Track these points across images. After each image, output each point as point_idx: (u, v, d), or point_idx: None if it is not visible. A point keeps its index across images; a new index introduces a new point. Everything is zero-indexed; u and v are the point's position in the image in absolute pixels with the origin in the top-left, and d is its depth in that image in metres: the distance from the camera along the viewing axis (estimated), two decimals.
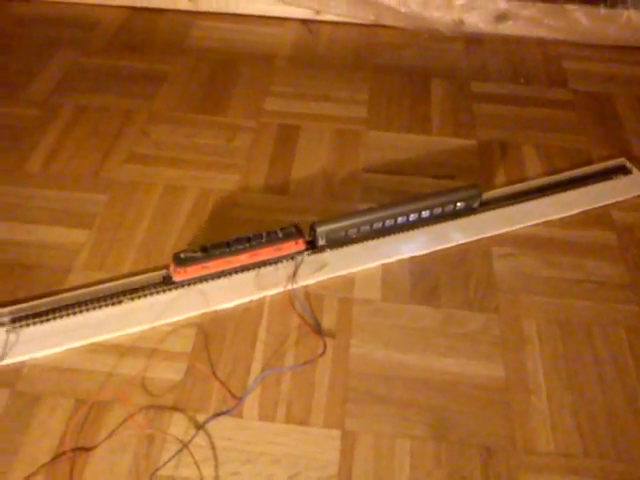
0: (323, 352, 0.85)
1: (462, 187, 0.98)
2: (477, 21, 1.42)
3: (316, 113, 1.23)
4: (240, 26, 1.45)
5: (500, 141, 1.17)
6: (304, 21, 1.48)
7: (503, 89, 1.29)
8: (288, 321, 0.89)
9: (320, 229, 0.92)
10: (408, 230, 0.98)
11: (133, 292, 0.90)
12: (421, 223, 0.98)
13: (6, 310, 0.88)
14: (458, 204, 0.97)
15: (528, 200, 1.03)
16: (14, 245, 0.97)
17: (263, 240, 0.90)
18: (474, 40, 1.42)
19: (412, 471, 0.75)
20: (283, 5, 1.46)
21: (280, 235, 0.91)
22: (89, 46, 1.38)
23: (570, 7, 1.37)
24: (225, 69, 1.33)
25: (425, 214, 0.97)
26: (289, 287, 0.91)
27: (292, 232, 0.92)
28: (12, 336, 0.85)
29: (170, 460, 0.74)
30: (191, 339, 0.86)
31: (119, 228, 1.00)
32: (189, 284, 0.90)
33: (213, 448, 0.76)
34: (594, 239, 0.99)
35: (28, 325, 0.86)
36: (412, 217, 0.97)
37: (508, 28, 1.42)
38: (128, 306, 0.89)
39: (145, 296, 0.89)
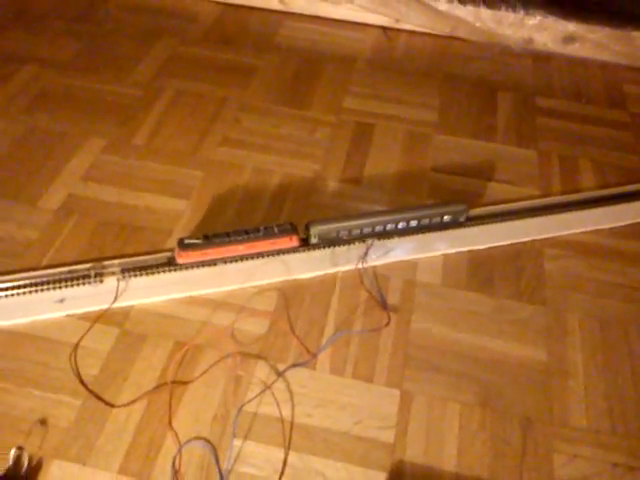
0: (388, 323, 0.97)
1: (450, 203, 1.08)
2: (546, 41, 1.52)
3: (390, 114, 1.35)
4: (325, 29, 1.58)
5: (559, 154, 1.27)
6: (384, 28, 1.60)
7: (565, 106, 1.39)
8: (357, 295, 1.01)
9: (314, 229, 1.02)
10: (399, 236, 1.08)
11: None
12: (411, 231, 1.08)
13: (117, 262, 1.02)
14: (445, 217, 1.07)
15: (581, 209, 1.13)
16: (124, 208, 1.11)
17: (260, 234, 1.00)
18: (542, 58, 1.52)
19: (460, 430, 0.86)
20: (365, 12, 1.58)
21: (276, 231, 1.01)
22: (187, 36, 1.53)
23: (636, 34, 1.46)
24: (310, 67, 1.46)
25: (413, 223, 1.06)
26: (360, 266, 1.04)
27: (287, 229, 1.02)
28: (122, 284, 0.99)
29: (254, 398, 0.87)
30: (273, 301, 0.99)
31: (213, 201, 1.14)
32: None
33: (290, 392, 0.89)
34: (638, 249, 1.09)
35: (135, 276, 1.00)
36: (401, 225, 1.06)
37: (575, 50, 1.52)
38: (220, 268, 1.02)
39: (235, 261, 1.03)
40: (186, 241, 0.98)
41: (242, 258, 1.02)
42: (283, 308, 0.98)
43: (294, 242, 1.02)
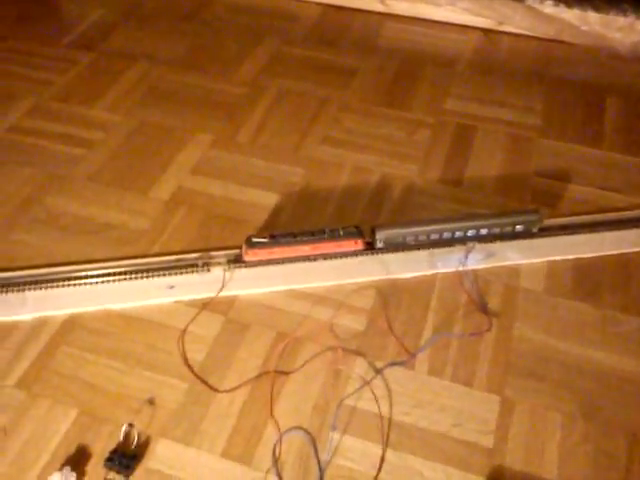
0: (489, 328, 0.96)
1: (523, 211, 1.05)
2: None
3: (492, 117, 1.33)
4: (426, 30, 1.58)
5: None
6: (485, 30, 1.58)
7: None
8: (457, 297, 1.01)
9: (380, 233, 1.02)
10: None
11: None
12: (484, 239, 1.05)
13: (222, 253, 1.05)
14: (517, 227, 1.04)
15: None
16: (229, 201, 1.15)
17: (325, 236, 1.01)
18: None
19: (562, 441, 0.84)
20: (467, 14, 1.56)
21: (341, 233, 1.01)
22: (290, 37, 1.56)
23: None
24: (410, 69, 1.46)
25: (483, 232, 1.04)
26: (460, 268, 1.03)
27: (353, 232, 1.02)
28: (227, 274, 1.02)
29: (353, 393, 0.88)
30: (371, 299, 1.00)
31: (314, 198, 1.16)
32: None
33: (388, 390, 0.89)
34: None
35: (240, 267, 1.03)
36: (470, 233, 1.04)
37: None
38: (319, 264, 1.04)
39: (337, 257, 1.04)
40: (254, 239, 1.00)
41: (307, 259, 1.03)
42: (381, 306, 0.99)
43: (359, 245, 1.02)
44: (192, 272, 1.02)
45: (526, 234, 1.06)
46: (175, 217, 1.12)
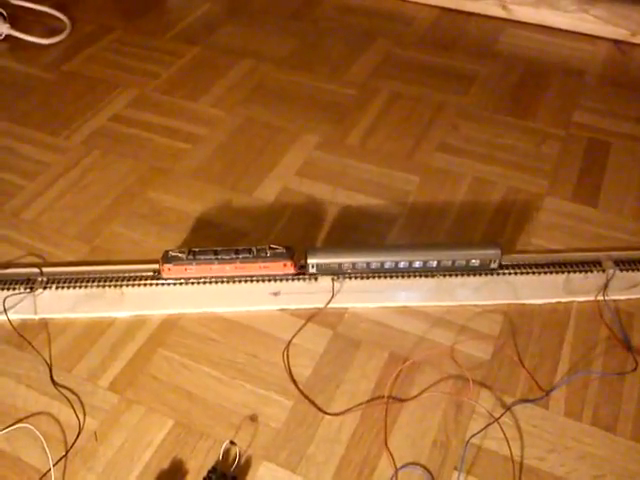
0: (635, 368, 0.84)
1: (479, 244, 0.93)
2: None
3: (628, 133, 1.21)
4: (550, 38, 1.46)
5: None
6: (616, 41, 1.45)
7: None
8: (596, 330, 0.89)
9: (311, 259, 0.90)
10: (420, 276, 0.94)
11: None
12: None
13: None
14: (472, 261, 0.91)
15: None
16: (337, 207, 1.07)
17: (251, 256, 0.90)
18: None
19: None
20: (597, 23, 1.44)
21: (268, 254, 0.90)
22: (403, 39, 1.47)
23: None
24: (534, 77, 1.35)
25: (432, 264, 0.92)
26: (600, 298, 0.91)
27: (282, 253, 0.90)
28: (337, 284, 0.94)
29: (480, 431, 0.77)
30: (498, 325, 0.89)
31: (430, 209, 1.06)
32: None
33: (519, 430, 0.78)
34: None
35: (350, 278, 0.94)
36: (417, 264, 0.92)
37: None
38: (437, 282, 0.94)
39: (456, 275, 0.94)
40: (170, 254, 0.90)
41: (230, 280, 0.93)
42: (509, 334, 0.88)
43: (289, 268, 0.92)
44: (299, 279, 0.94)
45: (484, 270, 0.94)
46: (280, 220, 1.04)
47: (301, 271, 0.93)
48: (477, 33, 1.49)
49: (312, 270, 0.92)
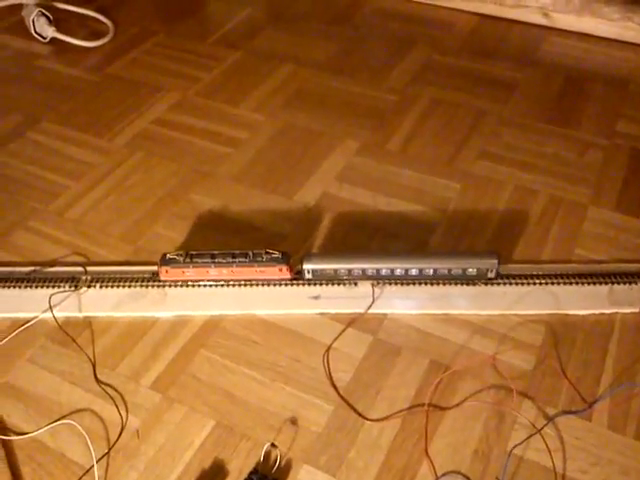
0: None
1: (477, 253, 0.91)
2: None
3: None
4: (593, 47, 1.45)
5: None
6: None
7: None
8: None
9: (307, 264, 0.90)
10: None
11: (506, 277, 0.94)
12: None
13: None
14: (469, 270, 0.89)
15: None
16: (377, 212, 1.07)
17: (247, 260, 0.89)
18: None
19: None
20: None
21: (264, 259, 0.89)
22: (443, 46, 1.47)
23: None
24: (576, 86, 1.34)
25: (428, 272, 0.90)
26: None
27: (277, 258, 0.90)
28: (377, 290, 0.94)
29: (522, 442, 0.77)
30: (540, 335, 0.88)
31: (471, 217, 1.06)
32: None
33: (562, 442, 0.77)
34: None
35: (390, 284, 0.94)
36: (413, 272, 0.91)
37: None
38: (479, 289, 0.93)
39: (497, 284, 0.93)
40: (168, 256, 0.91)
41: (227, 283, 0.94)
42: (551, 345, 0.87)
43: (284, 273, 0.91)
44: (338, 284, 0.94)
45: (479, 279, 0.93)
46: (320, 225, 1.05)
47: (297, 276, 0.93)
48: (518, 41, 1.48)
49: (308, 276, 0.92)
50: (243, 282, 0.94)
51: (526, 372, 0.84)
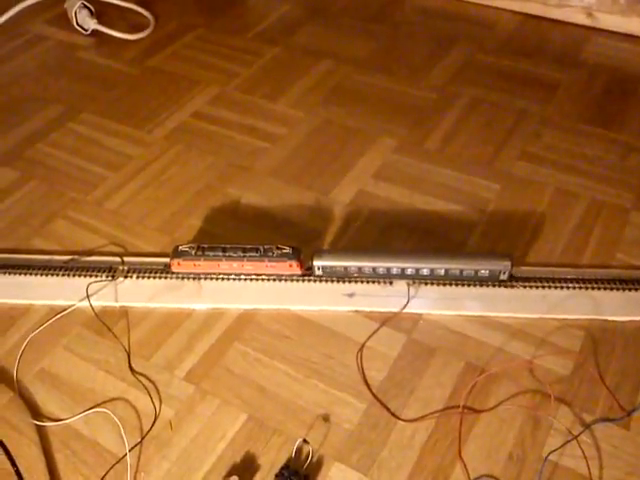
0: None
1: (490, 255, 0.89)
2: None
3: None
4: (638, 48, 1.41)
5: None
6: None
7: None
8: None
9: (317, 261, 0.89)
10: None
11: (524, 280, 0.93)
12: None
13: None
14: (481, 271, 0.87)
15: None
16: (413, 211, 1.06)
17: (257, 254, 0.89)
18: None
19: None
20: None
21: (274, 254, 0.89)
22: (484, 44, 1.45)
23: None
24: (620, 87, 1.31)
25: (439, 272, 0.88)
26: None
27: (288, 254, 0.89)
28: (412, 289, 0.93)
29: (558, 448, 0.75)
30: (579, 340, 0.87)
31: (510, 219, 1.04)
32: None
33: (598, 449, 0.76)
34: None
35: (426, 284, 0.93)
36: (425, 272, 0.89)
37: None
38: (519, 292, 0.92)
39: (537, 287, 0.92)
40: (180, 248, 0.91)
41: (238, 277, 0.94)
42: (590, 351, 0.86)
43: (295, 269, 0.91)
44: (373, 282, 0.93)
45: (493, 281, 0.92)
46: (355, 222, 1.04)
47: (307, 272, 0.92)
48: (561, 41, 1.46)
49: (318, 272, 0.91)
50: (273, 277, 0.94)
51: (563, 378, 0.83)
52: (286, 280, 0.94)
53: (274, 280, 0.94)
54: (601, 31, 1.47)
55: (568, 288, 0.92)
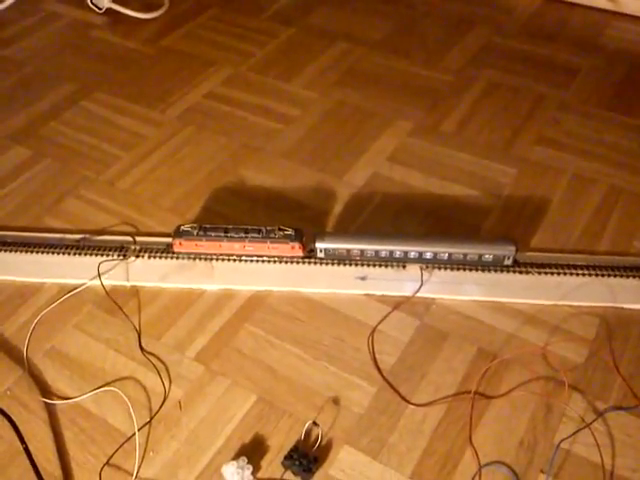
0: None
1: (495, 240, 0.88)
2: None
3: None
4: None
5: None
6: None
7: None
8: None
9: (320, 243, 0.88)
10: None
11: (540, 267, 0.91)
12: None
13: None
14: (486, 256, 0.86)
15: None
16: (429, 195, 1.05)
17: (260, 236, 0.88)
18: None
19: None
20: None
21: (277, 235, 0.88)
22: (503, 28, 1.43)
23: None
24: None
25: (442, 256, 0.87)
26: None
27: (290, 235, 0.88)
28: (425, 273, 0.92)
29: (571, 435, 0.74)
30: (594, 328, 0.85)
31: (526, 204, 1.03)
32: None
33: (611, 438, 0.75)
34: None
35: (440, 268, 0.92)
36: (428, 255, 0.88)
37: None
38: (531, 279, 0.90)
39: (552, 274, 0.90)
40: (182, 228, 0.90)
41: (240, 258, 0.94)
42: (605, 339, 0.84)
43: (297, 251, 0.90)
44: (386, 266, 0.92)
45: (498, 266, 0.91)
46: (369, 205, 1.03)
47: (310, 254, 0.92)
48: (581, 25, 1.43)
49: (320, 255, 0.91)
50: (285, 260, 0.93)
51: (577, 365, 0.82)
52: (297, 262, 0.93)
53: (285, 262, 0.94)
54: (623, 15, 1.44)
55: (584, 275, 0.90)
